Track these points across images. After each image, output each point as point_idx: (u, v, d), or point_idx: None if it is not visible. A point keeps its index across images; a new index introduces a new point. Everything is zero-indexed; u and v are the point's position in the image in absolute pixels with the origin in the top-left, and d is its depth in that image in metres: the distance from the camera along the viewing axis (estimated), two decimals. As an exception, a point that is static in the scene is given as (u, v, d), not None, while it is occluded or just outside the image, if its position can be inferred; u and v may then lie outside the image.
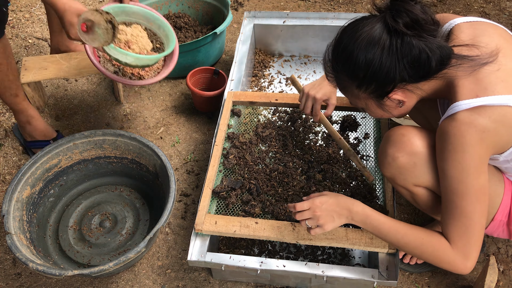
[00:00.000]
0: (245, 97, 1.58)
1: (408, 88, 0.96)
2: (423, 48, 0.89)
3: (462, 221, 0.95)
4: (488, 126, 0.89)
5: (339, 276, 1.16)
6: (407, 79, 0.93)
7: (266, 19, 2.01)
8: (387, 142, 1.10)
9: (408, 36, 0.89)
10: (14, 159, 1.83)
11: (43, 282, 1.47)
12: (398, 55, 0.90)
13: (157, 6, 2.29)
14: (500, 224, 1.12)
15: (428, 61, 0.90)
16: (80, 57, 1.90)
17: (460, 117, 0.91)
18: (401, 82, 0.94)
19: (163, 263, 1.50)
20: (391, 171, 1.11)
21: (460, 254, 0.97)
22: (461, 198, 0.94)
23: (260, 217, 1.27)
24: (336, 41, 0.99)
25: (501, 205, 1.09)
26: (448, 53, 0.91)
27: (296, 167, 1.40)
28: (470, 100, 0.90)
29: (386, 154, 1.10)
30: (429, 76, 0.94)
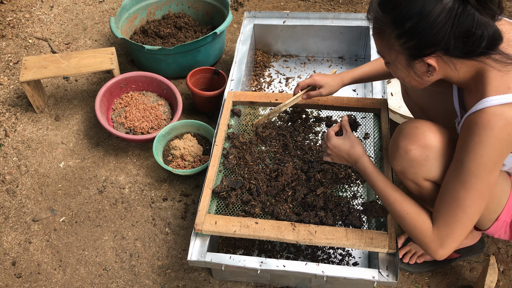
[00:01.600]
0: (245, 97, 1.58)
1: (444, 59, 0.92)
2: (481, 24, 0.85)
3: (456, 211, 0.95)
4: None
5: (339, 276, 1.16)
6: (450, 49, 0.89)
7: (266, 19, 2.01)
8: (400, 135, 1.08)
9: (472, 6, 0.85)
10: (14, 159, 1.83)
11: (43, 282, 1.47)
12: (455, 20, 0.85)
13: (157, 6, 2.29)
14: (504, 224, 1.11)
15: (480, 39, 0.86)
16: (79, 56, 1.90)
17: (490, 110, 0.88)
18: (442, 50, 0.90)
19: (163, 263, 1.50)
20: (402, 164, 1.09)
21: (438, 241, 0.98)
22: (466, 190, 0.94)
23: (260, 217, 1.27)
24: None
25: (506, 205, 1.08)
26: (499, 39, 0.88)
27: (296, 167, 1.40)
28: (501, 96, 0.88)
29: (398, 146, 1.08)
30: (472, 55, 0.90)
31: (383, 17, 0.93)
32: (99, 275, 1.48)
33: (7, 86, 2.12)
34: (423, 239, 1.01)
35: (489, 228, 1.13)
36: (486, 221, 1.13)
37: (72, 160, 1.82)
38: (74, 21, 2.48)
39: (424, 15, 0.86)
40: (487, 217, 1.11)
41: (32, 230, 1.61)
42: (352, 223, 1.23)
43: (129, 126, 1.83)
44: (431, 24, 0.86)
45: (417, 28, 0.88)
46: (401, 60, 0.96)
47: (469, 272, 1.42)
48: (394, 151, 1.10)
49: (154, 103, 1.91)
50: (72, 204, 1.68)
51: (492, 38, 0.86)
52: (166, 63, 2.02)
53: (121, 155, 1.83)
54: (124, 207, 1.66)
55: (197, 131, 1.82)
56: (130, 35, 2.22)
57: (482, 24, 0.85)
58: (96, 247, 1.55)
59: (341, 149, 1.19)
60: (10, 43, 2.33)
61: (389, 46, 0.96)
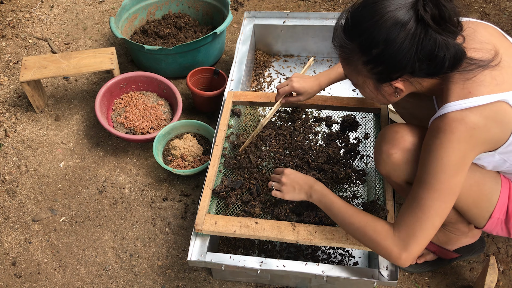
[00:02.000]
0: (245, 97, 1.58)
1: (410, 80, 0.95)
2: (443, 46, 0.87)
3: (416, 212, 0.96)
4: (478, 123, 0.89)
5: (339, 276, 1.16)
6: (415, 72, 0.92)
7: (266, 19, 2.01)
8: (382, 140, 1.11)
9: (433, 30, 0.87)
10: (14, 159, 1.83)
11: (43, 282, 1.47)
12: (418, 45, 0.88)
13: (157, 6, 2.29)
14: (498, 222, 1.12)
15: (443, 61, 0.89)
16: (79, 56, 1.90)
17: (451, 115, 0.91)
18: (408, 73, 0.93)
19: (163, 263, 1.50)
20: (386, 168, 1.11)
21: (399, 244, 0.97)
22: (426, 191, 0.94)
23: (260, 217, 1.27)
24: (362, 6, 0.94)
25: (498, 202, 1.09)
26: (462, 57, 0.90)
27: (296, 167, 1.40)
28: (462, 100, 0.90)
29: (381, 151, 1.10)
30: (436, 75, 0.93)
31: (349, 45, 0.96)
32: (99, 275, 1.48)
33: (7, 86, 2.12)
34: (384, 244, 0.99)
35: (485, 226, 1.15)
36: (480, 219, 1.14)
37: (72, 160, 1.82)
38: (74, 21, 2.48)
39: (389, 42, 0.89)
40: (480, 215, 1.13)
41: (32, 230, 1.61)
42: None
43: (129, 126, 1.83)
44: (396, 50, 0.89)
45: (383, 54, 0.91)
46: (369, 84, 1.00)
47: (469, 272, 1.42)
48: (378, 156, 1.12)
49: (154, 103, 1.91)
50: (72, 204, 1.68)
51: (454, 58, 0.89)
52: (166, 63, 2.02)
53: (121, 155, 1.83)
54: (124, 207, 1.66)
55: (197, 131, 1.82)
56: (130, 35, 2.22)
57: (444, 45, 0.87)
58: (96, 247, 1.55)
59: (298, 175, 1.19)
60: (10, 43, 2.33)
61: (357, 72, 0.99)
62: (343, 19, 0.97)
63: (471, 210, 1.12)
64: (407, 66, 0.90)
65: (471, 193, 1.09)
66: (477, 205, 1.11)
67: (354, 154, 1.43)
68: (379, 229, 1.01)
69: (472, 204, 1.11)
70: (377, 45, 0.90)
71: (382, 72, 0.94)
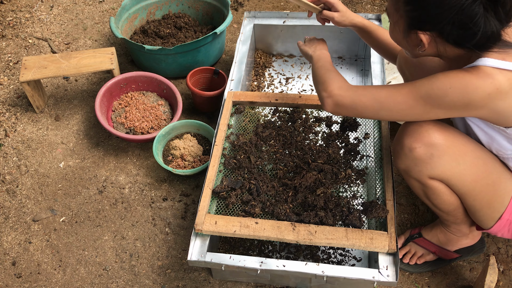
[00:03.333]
0: (245, 97, 1.58)
1: (436, 40, 0.95)
2: (481, 21, 0.87)
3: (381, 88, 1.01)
4: (504, 86, 0.89)
5: (339, 276, 1.16)
6: (445, 34, 0.92)
7: (266, 19, 2.01)
8: (404, 133, 1.09)
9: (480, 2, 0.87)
10: (14, 159, 1.83)
11: (43, 282, 1.47)
12: (459, 9, 0.87)
13: (157, 6, 2.29)
14: (507, 223, 1.11)
15: (474, 36, 0.89)
16: (79, 56, 1.90)
17: (483, 67, 0.90)
18: (437, 31, 0.93)
19: (163, 263, 1.50)
20: (406, 163, 1.10)
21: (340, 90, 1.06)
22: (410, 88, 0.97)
23: (260, 217, 1.27)
24: None
25: (509, 204, 1.08)
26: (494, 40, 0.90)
27: (296, 167, 1.40)
28: (497, 60, 0.90)
29: (402, 145, 1.09)
30: (461, 46, 0.93)
31: None
32: (99, 275, 1.48)
33: (7, 86, 2.12)
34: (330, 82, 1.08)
35: (492, 227, 1.14)
36: (489, 220, 1.13)
37: (72, 160, 1.82)
38: (74, 21, 2.48)
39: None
40: (490, 215, 1.12)
41: (32, 230, 1.61)
42: (352, 223, 1.23)
43: (129, 126, 1.83)
44: (438, 3, 0.89)
45: (426, 1, 0.91)
46: (401, 24, 1.00)
47: (469, 272, 1.42)
48: (399, 150, 1.11)
49: (154, 103, 1.91)
50: (72, 204, 1.68)
51: (486, 37, 0.89)
52: (166, 63, 2.02)
53: (121, 155, 1.83)
54: (124, 207, 1.66)
55: (197, 131, 1.82)
56: (130, 35, 2.22)
57: (482, 22, 0.87)
58: (96, 247, 1.55)
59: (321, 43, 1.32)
60: (10, 43, 2.33)
61: (396, 7, 1.00)
62: None
63: (483, 209, 1.12)
64: (439, 23, 0.91)
65: (488, 192, 1.08)
66: (490, 205, 1.10)
67: (354, 154, 1.43)
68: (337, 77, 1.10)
69: (486, 204, 1.10)
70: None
71: (415, 17, 0.95)
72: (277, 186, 1.35)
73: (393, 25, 1.04)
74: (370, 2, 2.53)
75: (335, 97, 1.06)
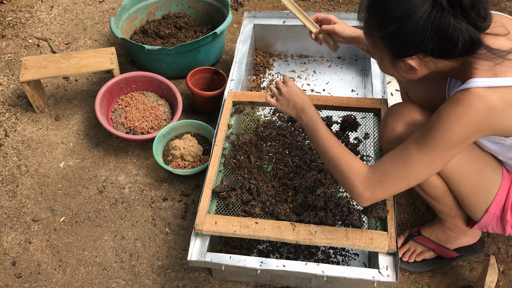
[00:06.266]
0: (245, 97, 1.58)
1: (425, 60, 0.96)
2: (457, 29, 0.88)
3: (398, 165, 0.98)
4: (498, 106, 0.89)
5: (339, 276, 1.16)
6: (429, 52, 0.93)
7: (266, 19, 2.01)
8: (388, 114, 1.15)
9: (448, 12, 0.88)
10: (14, 159, 1.83)
11: (43, 282, 1.47)
12: (432, 25, 0.89)
13: (157, 6, 2.29)
14: (494, 217, 1.12)
15: (456, 43, 0.90)
16: (79, 56, 1.90)
17: (475, 90, 0.91)
18: (422, 52, 0.94)
19: (163, 263, 1.50)
20: (388, 141, 1.15)
21: (367, 184, 1.00)
22: (419, 151, 0.96)
23: (260, 217, 1.27)
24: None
25: (496, 197, 1.10)
26: (476, 44, 0.91)
27: (296, 167, 1.40)
28: (488, 78, 0.91)
29: (386, 124, 1.15)
30: (450, 57, 0.94)
31: (369, 19, 1.00)
32: (99, 275, 1.48)
33: (7, 86, 2.12)
34: (353, 180, 1.02)
35: (481, 219, 1.16)
36: (477, 210, 1.15)
37: (72, 160, 1.82)
38: (74, 21, 2.48)
39: (405, 20, 0.91)
40: (477, 205, 1.14)
41: (32, 230, 1.61)
42: (352, 223, 1.23)
43: (129, 126, 1.83)
44: (411, 28, 0.91)
45: (398, 31, 0.93)
46: (386, 58, 1.02)
47: (469, 272, 1.42)
48: (383, 130, 1.17)
49: (154, 103, 1.91)
50: (72, 204, 1.68)
51: (468, 43, 0.90)
52: (166, 63, 2.02)
53: (121, 155, 1.83)
54: (124, 207, 1.66)
55: (197, 131, 1.82)
56: (130, 35, 2.22)
57: (458, 29, 0.88)
58: (96, 247, 1.55)
59: (298, 93, 1.20)
60: (10, 43, 2.33)
61: (376, 46, 1.02)
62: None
63: (469, 197, 1.14)
64: (420, 44, 0.92)
65: (471, 178, 1.10)
66: (476, 193, 1.12)
67: (354, 154, 1.43)
68: (352, 165, 1.04)
69: (471, 191, 1.12)
70: (393, 22, 0.93)
71: (397, 48, 0.96)
72: (277, 186, 1.35)
73: (379, 61, 1.06)
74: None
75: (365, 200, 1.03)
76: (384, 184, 1.00)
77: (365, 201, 1.03)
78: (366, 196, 1.02)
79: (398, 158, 0.99)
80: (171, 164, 1.71)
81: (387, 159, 1.01)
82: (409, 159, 0.97)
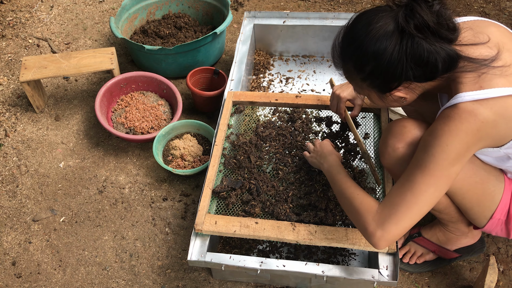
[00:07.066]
0: (245, 97, 1.58)
1: (411, 86, 0.96)
2: (431, 51, 0.89)
3: (406, 193, 0.94)
4: (488, 118, 0.89)
5: (339, 276, 1.16)
6: (412, 79, 0.93)
7: (266, 19, 2.01)
8: (388, 133, 1.13)
9: (418, 38, 0.89)
10: (14, 159, 1.83)
11: (43, 282, 1.47)
12: (407, 54, 0.89)
13: (157, 6, 2.29)
14: (499, 223, 1.12)
15: (435, 65, 0.90)
16: (79, 56, 1.90)
17: (462, 106, 0.91)
18: (406, 81, 0.94)
19: (163, 263, 1.50)
20: (390, 162, 1.12)
21: (378, 221, 0.96)
22: (423, 175, 0.93)
23: (260, 217, 1.27)
24: (348, 29, 0.99)
25: (500, 203, 1.09)
26: (456, 58, 0.91)
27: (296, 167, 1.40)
28: (474, 92, 0.91)
29: (386, 144, 1.12)
30: (434, 78, 0.94)
31: (345, 65, 1.01)
32: (99, 275, 1.48)
33: (7, 86, 2.12)
34: (364, 217, 0.99)
35: (485, 226, 1.14)
36: (481, 218, 1.14)
37: (72, 160, 1.82)
38: (74, 21, 2.48)
39: (378, 57, 0.92)
40: (482, 214, 1.13)
41: (32, 230, 1.61)
42: (352, 223, 1.23)
43: (129, 126, 1.83)
44: (387, 63, 0.91)
45: (376, 70, 0.94)
46: (374, 96, 1.03)
47: (469, 272, 1.42)
48: (384, 149, 1.14)
49: (154, 103, 1.91)
50: (72, 204, 1.68)
51: (447, 60, 0.90)
52: (166, 63, 2.02)
53: (121, 155, 1.83)
54: (124, 207, 1.66)
55: (197, 131, 1.82)
56: (130, 35, 2.22)
57: (433, 51, 0.89)
58: (96, 247, 1.55)
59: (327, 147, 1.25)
60: (10, 43, 2.33)
61: (360, 87, 1.03)
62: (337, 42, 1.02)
63: (474, 208, 1.13)
64: (401, 75, 0.92)
65: (476, 190, 1.09)
66: (480, 203, 1.11)
67: (354, 154, 1.43)
68: (365, 202, 1.01)
69: (476, 202, 1.11)
70: (368, 62, 0.94)
71: (380, 84, 0.97)
72: (277, 186, 1.35)
73: (369, 98, 1.06)
74: (370, 2, 2.53)
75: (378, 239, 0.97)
76: (396, 217, 0.94)
77: (379, 240, 0.96)
78: (378, 234, 0.95)
79: (404, 186, 0.95)
80: (171, 164, 1.71)
81: (394, 191, 0.97)
82: (415, 184, 0.94)
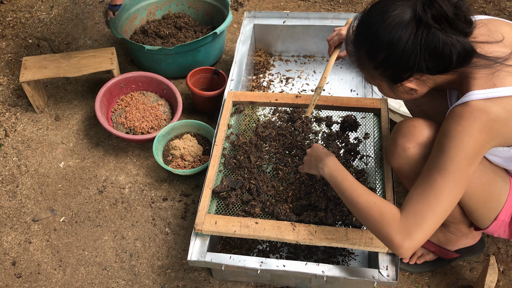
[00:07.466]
0: (245, 97, 1.58)
1: (423, 78, 0.96)
2: (447, 43, 0.88)
3: (429, 199, 0.90)
4: (500, 116, 0.89)
5: (339, 276, 1.16)
6: (424, 71, 0.93)
7: (266, 19, 2.01)
8: (398, 133, 1.10)
9: (435, 28, 0.88)
10: (14, 159, 1.83)
11: (43, 282, 1.47)
12: (421, 45, 0.89)
13: (157, 6, 2.29)
14: (503, 224, 1.11)
15: (450, 57, 0.89)
16: (80, 56, 1.90)
17: (474, 103, 0.90)
18: (418, 72, 0.94)
19: (163, 263, 1.50)
20: (400, 162, 1.11)
21: (404, 230, 0.90)
22: (444, 178, 0.90)
23: (260, 217, 1.27)
24: (363, 17, 0.98)
25: (505, 205, 1.08)
26: (471, 53, 0.91)
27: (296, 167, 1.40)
28: (486, 90, 0.90)
29: (396, 144, 1.10)
30: (447, 71, 0.93)
31: (358, 52, 1.00)
32: (99, 275, 1.48)
33: (7, 86, 2.12)
34: (388, 229, 0.92)
35: (488, 227, 1.14)
36: (485, 220, 1.13)
37: (72, 160, 1.82)
38: (74, 21, 2.48)
39: (393, 45, 0.91)
40: (486, 215, 1.12)
41: (32, 230, 1.61)
42: (352, 223, 1.23)
43: (129, 126, 1.83)
44: (401, 52, 0.90)
45: (389, 58, 0.93)
46: (384, 85, 1.02)
47: (469, 272, 1.42)
48: (393, 149, 1.12)
49: (154, 103, 1.91)
50: (72, 204, 1.68)
51: (462, 53, 0.89)
52: (166, 63, 2.02)
53: (121, 155, 1.83)
54: (124, 207, 1.66)
55: (197, 131, 1.82)
56: (130, 35, 2.22)
57: (448, 43, 0.88)
58: (96, 247, 1.55)
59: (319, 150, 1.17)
60: (10, 43, 2.33)
61: (371, 76, 1.02)
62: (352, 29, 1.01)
63: (479, 209, 1.12)
64: (414, 66, 0.91)
65: (483, 192, 1.08)
66: (486, 205, 1.10)
67: (354, 154, 1.43)
68: (386, 212, 0.94)
69: (482, 203, 1.10)
70: (382, 50, 0.93)
71: (392, 74, 0.96)
72: (277, 186, 1.35)
73: (380, 88, 1.05)
74: (370, 2, 2.53)
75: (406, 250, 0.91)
76: (423, 225, 0.89)
77: (407, 251, 0.90)
78: (406, 245, 0.90)
79: (425, 193, 0.91)
80: (171, 164, 1.71)
81: (415, 197, 0.92)
82: (437, 189, 0.90)
